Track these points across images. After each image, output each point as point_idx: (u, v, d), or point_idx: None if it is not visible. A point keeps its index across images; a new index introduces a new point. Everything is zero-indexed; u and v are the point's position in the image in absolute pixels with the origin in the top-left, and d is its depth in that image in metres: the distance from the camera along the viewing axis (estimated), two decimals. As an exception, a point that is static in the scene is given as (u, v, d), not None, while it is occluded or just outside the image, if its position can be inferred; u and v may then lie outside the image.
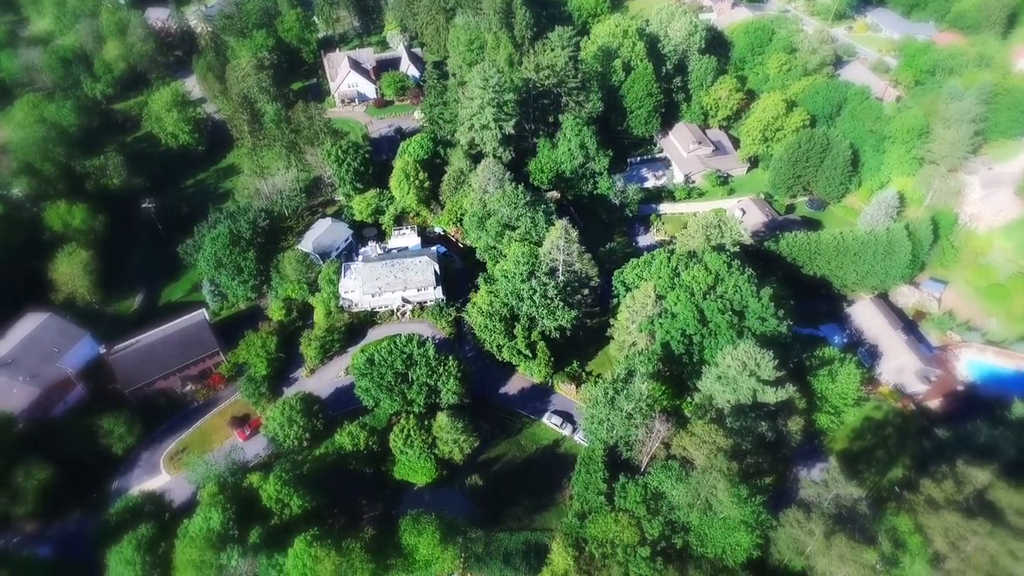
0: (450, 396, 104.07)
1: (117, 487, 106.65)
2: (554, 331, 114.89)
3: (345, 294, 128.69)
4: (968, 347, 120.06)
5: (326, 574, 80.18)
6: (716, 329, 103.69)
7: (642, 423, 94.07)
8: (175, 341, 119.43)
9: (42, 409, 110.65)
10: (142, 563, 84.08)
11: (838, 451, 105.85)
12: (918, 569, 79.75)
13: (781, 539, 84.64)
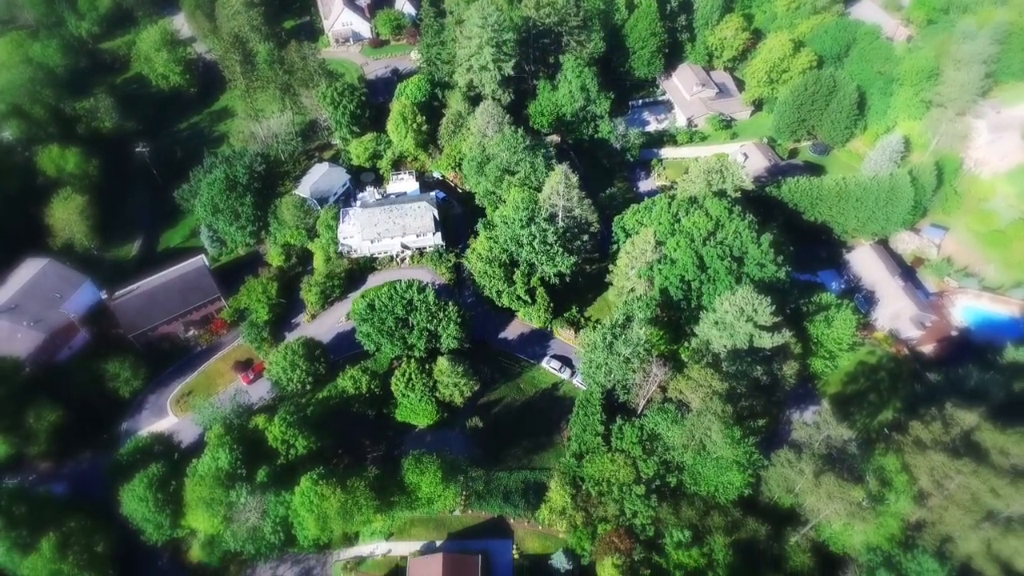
0: (450, 341, 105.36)
1: (126, 428, 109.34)
2: (553, 277, 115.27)
3: (344, 240, 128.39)
4: (964, 293, 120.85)
5: (332, 511, 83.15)
6: (715, 275, 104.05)
7: (639, 367, 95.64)
8: (176, 287, 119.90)
9: (48, 354, 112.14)
10: (154, 500, 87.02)
11: (831, 394, 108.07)
12: (902, 506, 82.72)
13: (772, 478, 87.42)
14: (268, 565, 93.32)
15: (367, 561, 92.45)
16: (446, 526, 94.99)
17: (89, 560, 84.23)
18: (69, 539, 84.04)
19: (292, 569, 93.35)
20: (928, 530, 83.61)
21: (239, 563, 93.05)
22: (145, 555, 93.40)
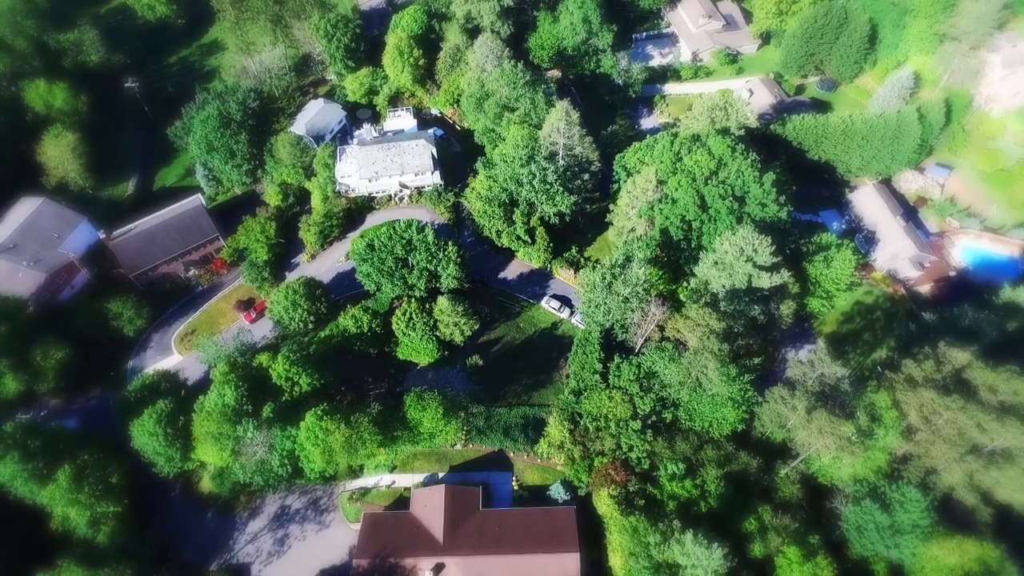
0: (450, 281, 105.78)
1: (132, 366, 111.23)
2: (553, 217, 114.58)
3: (342, 179, 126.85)
4: (965, 233, 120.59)
5: (337, 445, 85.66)
6: (716, 215, 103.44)
7: (638, 307, 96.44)
8: (174, 226, 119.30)
9: (50, 293, 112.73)
10: (163, 434, 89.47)
11: (826, 334, 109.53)
12: (890, 440, 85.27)
13: (765, 414, 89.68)
14: (277, 495, 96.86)
15: (372, 492, 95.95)
16: (448, 459, 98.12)
17: (104, 490, 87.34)
18: (84, 471, 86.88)
19: (300, 499, 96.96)
20: (914, 463, 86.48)
21: (249, 493, 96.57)
22: (158, 486, 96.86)
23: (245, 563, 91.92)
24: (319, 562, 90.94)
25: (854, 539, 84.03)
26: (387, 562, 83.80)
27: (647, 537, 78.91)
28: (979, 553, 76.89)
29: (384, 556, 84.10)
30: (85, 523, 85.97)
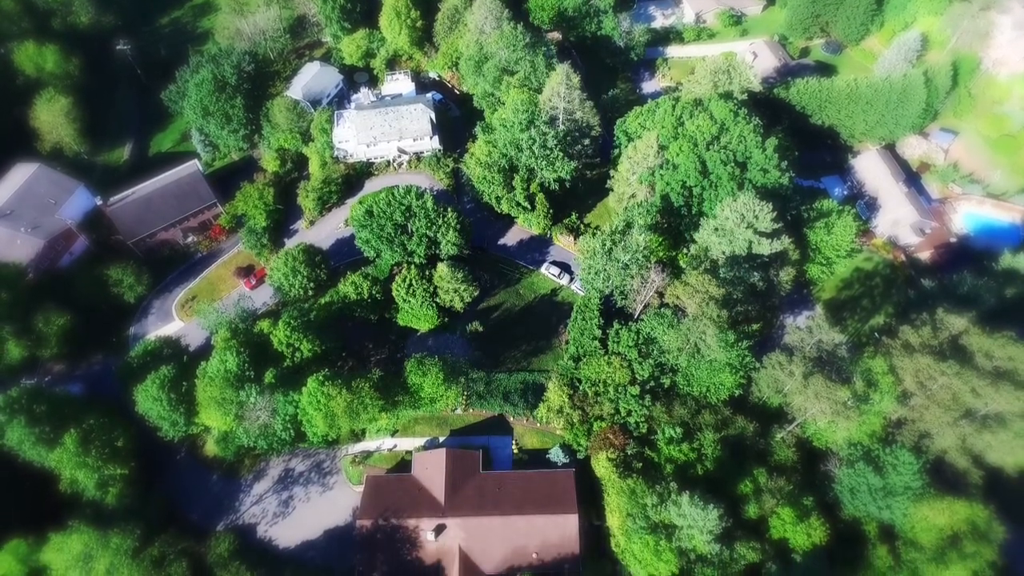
0: (450, 247, 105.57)
1: (134, 333, 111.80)
2: (553, 183, 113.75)
3: (339, 144, 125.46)
4: (967, 199, 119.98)
5: (339, 409, 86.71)
6: (717, 181, 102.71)
7: (638, 273, 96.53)
8: (171, 192, 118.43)
9: (49, 260, 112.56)
10: (167, 399, 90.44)
11: (825, 300, 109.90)
12: (885, 405, 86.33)
13: (762, 379, 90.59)
14: (280, 459, 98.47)
15: (374, 455, 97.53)
16: (448, 424, 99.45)
17: (111, 453, 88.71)
18: (90, 435, 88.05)
19: (304, 463, 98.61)
20: (908, 427, 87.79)
21: (253, 457, 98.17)
22: (163, 450, 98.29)
23: (251, 524, 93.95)
24: (323, 523, 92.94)
25: (847, 500, 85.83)
26: (390, 523, 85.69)
27: (644, 499, 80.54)
28: (968, 513, 78.69)
29: (387, 517, 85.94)
30: (93, 485, 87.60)
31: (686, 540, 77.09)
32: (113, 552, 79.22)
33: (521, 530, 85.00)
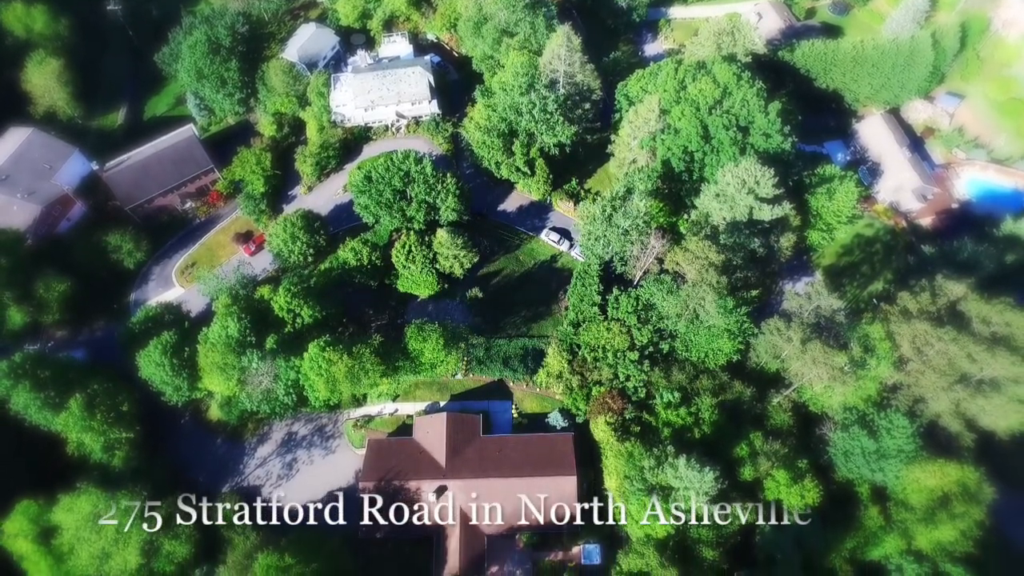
0: (449, 213, 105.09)
1: (135, 299, 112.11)
2: (553, 148, 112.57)
3: (337, 108, 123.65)
4: (971, 165, 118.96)
5: (340, 374, 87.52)
6: (719, 146, 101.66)
7: (638, 239, 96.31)
8: (168, 157, 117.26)
9: (47, 226, 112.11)
10: (170, 365, 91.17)
11: (825, 266, 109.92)
12: (882, 370, 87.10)
13: (760, 345, 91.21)
14: (283, 423, 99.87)
15: (375, 419, 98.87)
16: (449, 389, 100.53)
17: (116, 418, 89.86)
18: (95, 399, 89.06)
19: (306, 427, 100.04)
20: (903, 392, 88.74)
21: (256, 421, 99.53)
22: (168, 414, 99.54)
23: (255, 486, 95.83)
24: (326, 485, 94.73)
25: (840, 463, 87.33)
26: (392, 484, 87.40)
27: (642, 461, 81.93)
28: (959, 475, 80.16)
29: (389, 479, 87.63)
30: (99, 448, 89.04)
31: (682, 501, 78.69)
32: (121, 513, 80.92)
33: (521, 491, 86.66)
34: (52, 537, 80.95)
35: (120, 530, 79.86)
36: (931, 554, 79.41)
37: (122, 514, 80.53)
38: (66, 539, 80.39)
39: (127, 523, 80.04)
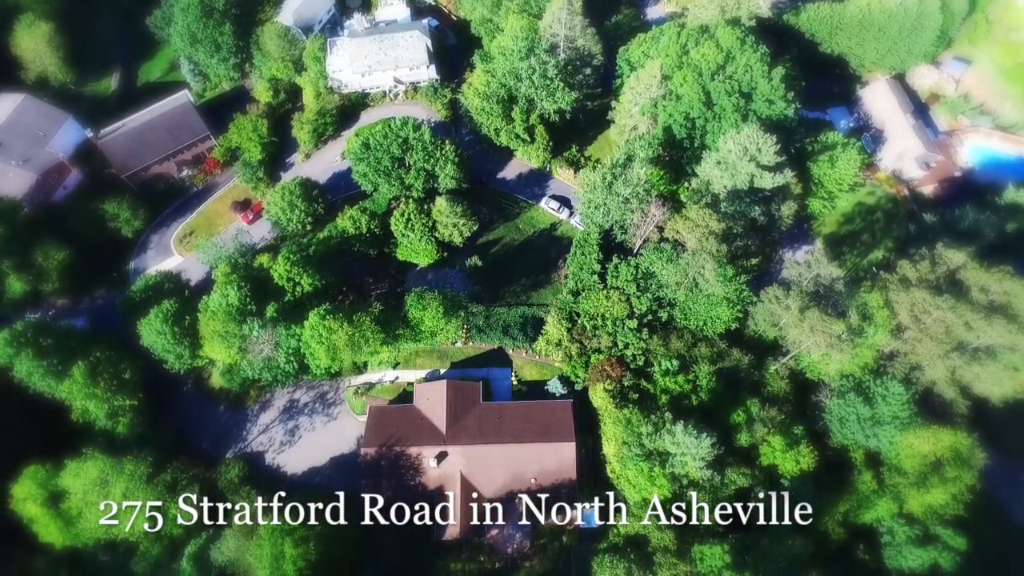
0: (448, 181, 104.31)
1: (134, 267, 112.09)
2: (553, 114, 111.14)
3: (333, 73, 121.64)
4: (975, 132, 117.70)
5: (340, 343, 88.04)
6: (721, 112, 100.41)
7: (638, 208, 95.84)
8: (163, 124, 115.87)
9: (43, 194, 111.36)
10: (171, 333, 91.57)
11: (825, 235, 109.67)
12: (879, 338, 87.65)
13: (759, 313, 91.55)
14: (285, 390, 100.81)
15: (376, 387, 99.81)
16: (449, 356, 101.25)
17: (119, 385, 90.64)
18: (97, 367, 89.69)
19: (308, 394, 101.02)
20: (899, 360, 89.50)
21: (258, 388, 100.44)
22: (170, 382, 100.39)
23: (259, 451, 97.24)
24: (328, 451, 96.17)
25: (836, 429, 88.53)
26: (393, 451, 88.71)
27: (640, 428, 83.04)
28: (952, 441, 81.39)
29: (390, 445, 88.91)
30: (104, 415, 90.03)
31: (679, 466, 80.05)
32: (128, 477, 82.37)
33: (520, 457, 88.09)
34: (60, 501, 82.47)
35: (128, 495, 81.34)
36: (922, 517, 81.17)
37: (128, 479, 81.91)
38: (74, 503, 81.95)
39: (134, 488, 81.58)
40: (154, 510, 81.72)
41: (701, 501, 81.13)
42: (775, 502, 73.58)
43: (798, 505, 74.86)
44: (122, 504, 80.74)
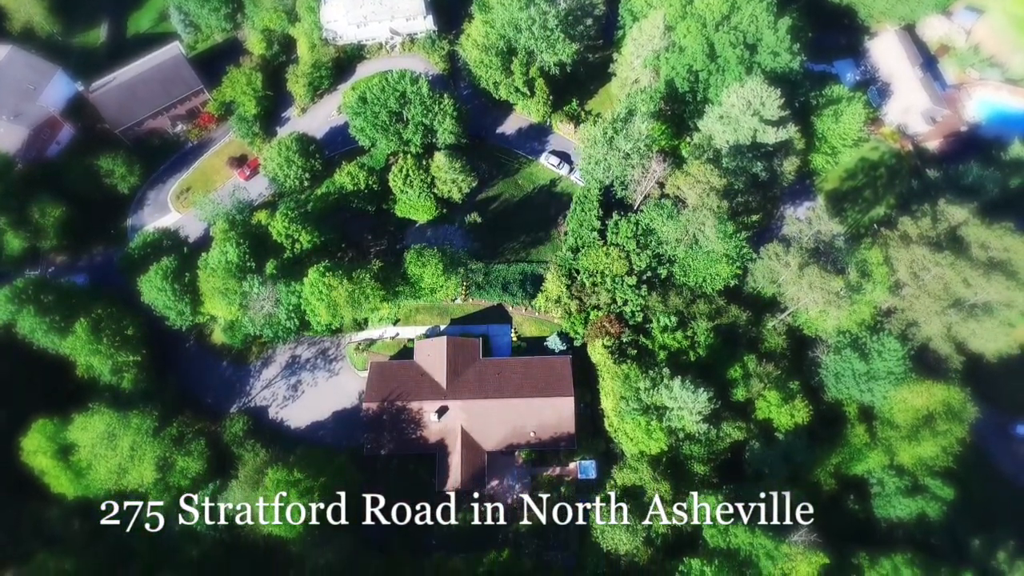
0: (447, 136, 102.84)
1: (131, 224, 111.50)
2: (554, 67, 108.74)
3: (328, 24, 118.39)
4: (984, 85, 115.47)
5: (340, 299, 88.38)
6: (725, 65, 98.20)
7: (639, 163, 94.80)
8: (155, 77, 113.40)
9: (36, 150, 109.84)
10: (172, 290, 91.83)
11: (827, 191, 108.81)
12: (877, 295, 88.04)
13: (758, 270, 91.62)
14: (287, 346, 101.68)
15: (377, 343, 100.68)
16: (449, 313, 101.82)
17: (122, 341, 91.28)
18: (100, 323, 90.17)
19: (309, 350, 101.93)
20: (897, 316, 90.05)
21: (260, 345, 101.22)
22: (173, 338, 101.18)
23: (262, 406, 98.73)
24: (330, 405, 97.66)
25: (831, 384, 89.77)
26: (394, 405, 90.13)
27: (637, 383, 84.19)
28: (945, 396, 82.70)
29: (391, 400, 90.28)
30: (108, 371, 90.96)
31: (676, 420, 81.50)
32: (135, 431, 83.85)
33: (520, 412, 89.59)
34: (70, 454, 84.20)
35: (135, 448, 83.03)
36: (912, 469, 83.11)
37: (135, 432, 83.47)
38: (83, 456, 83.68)
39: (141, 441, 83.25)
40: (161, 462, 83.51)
41: (697, 453, 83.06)
42: (776, 502, 74.36)
43: (799, 505, 75.34)
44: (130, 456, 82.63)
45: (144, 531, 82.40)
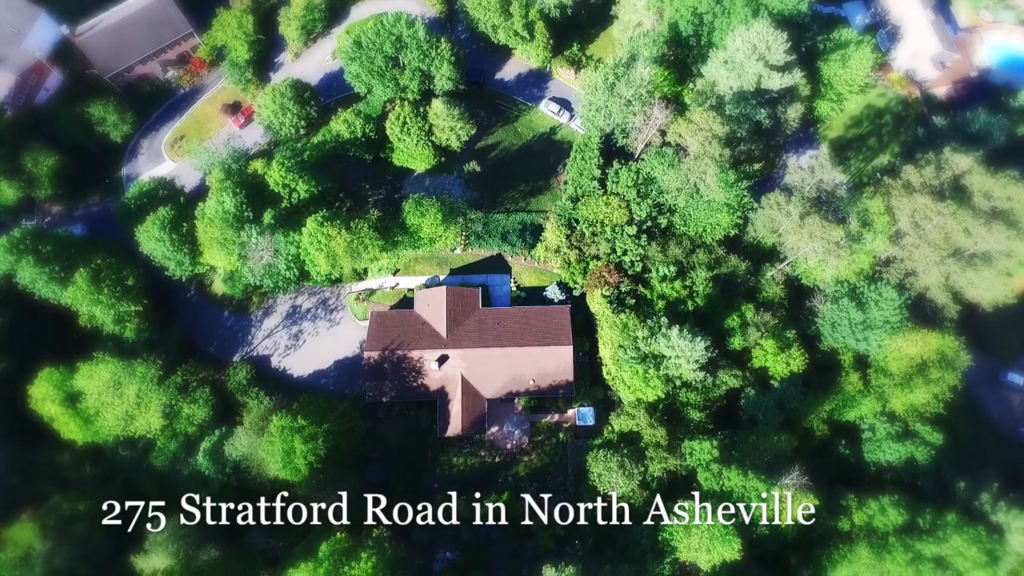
0: (444, 82, 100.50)
1: (127, 173, 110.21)
2: (554, 9, 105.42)
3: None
4: (997, 28, 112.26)
5: (339, 249, 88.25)
6: (730, 7, 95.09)
7: (640, 110, 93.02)
8: (142, 20, 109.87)
9: (25, 97, 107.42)
10: (170, 240, 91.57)
11: (831, 139, 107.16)
12: (877, 244, 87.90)
13: (759, 219, 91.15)
14: (287, 296, 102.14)
15: (377, 293, 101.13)
16: (448, 263, 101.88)
17: (123, 291, 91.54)
18: (100, 273, 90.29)
19: (310, 300, 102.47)
20: (895, 266, 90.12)
21: (261, 295, 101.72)
22: (173, 288, 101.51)
23: (264, 355, 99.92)
24: (332, 354, 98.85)
25: (827, 333, 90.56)
26: (395, 354, 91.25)
27: (636, 332, 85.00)
28: (939, 344, 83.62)
29: (392, 349, 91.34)
30: (111, 321, 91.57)
31: (673, 368, 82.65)
32: (140, 379, 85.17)
33: (519, 360, 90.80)
34: (77, 402, 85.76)
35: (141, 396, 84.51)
36: (903, 415, 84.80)
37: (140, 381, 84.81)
38: (90, 403, 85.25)
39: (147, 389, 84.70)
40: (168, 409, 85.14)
41: (693, 400, 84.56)
42: (777, 501, 75.28)
43: (800, 505, 76.03)
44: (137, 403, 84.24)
45: (154, 472, 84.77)
